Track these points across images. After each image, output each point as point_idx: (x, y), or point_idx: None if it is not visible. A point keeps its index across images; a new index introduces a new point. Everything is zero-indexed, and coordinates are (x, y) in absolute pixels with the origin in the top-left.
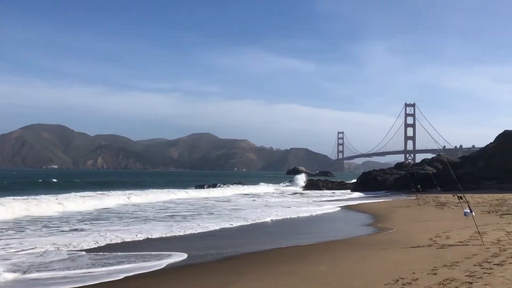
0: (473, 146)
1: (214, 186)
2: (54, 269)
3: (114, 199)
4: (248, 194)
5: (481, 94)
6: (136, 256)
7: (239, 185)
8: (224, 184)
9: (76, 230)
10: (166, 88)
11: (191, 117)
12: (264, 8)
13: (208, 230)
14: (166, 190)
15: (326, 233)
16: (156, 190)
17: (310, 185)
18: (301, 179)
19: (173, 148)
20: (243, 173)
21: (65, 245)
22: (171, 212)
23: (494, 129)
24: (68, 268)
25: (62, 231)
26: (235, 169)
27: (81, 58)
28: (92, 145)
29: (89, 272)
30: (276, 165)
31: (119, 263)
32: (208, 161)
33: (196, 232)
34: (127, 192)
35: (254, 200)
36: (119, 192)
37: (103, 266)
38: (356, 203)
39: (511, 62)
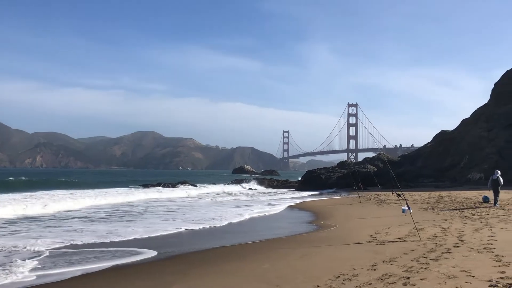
0: (412, 145)
1: (163, 185)
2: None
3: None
4: (190, 195)
5: (420, 95)
6: (86, 256)
7: (188, 186)
8: (180, 184)
9: None
10: (106, 85)
11: (134, 115)
12: (206, 5)
13: (152, 230)
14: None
15: (270, 232)
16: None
17: (256, 184)
18: (247, 179)
19: (116, 146)
20: (188, 172)
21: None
22: (105, 214)
23: (431, 129)
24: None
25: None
26: (180, 168)
27: (13, 53)
28: (31, 143)
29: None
30: (222, 164)
31: (70, 264)
32: (153, 159)
33: (142, 233)
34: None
35: (200, 199)
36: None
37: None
38: (301, 201)
39: (448, 66)
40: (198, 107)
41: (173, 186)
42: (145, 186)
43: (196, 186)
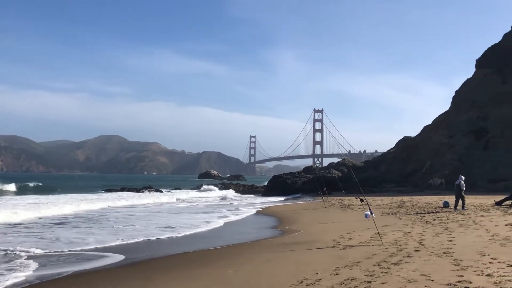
0: (376, 151)
1: (128, 190)
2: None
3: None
4: (155, 202)
5: (385, 102)
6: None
7: (153, 191)
8: (144, 189)
9: None
10: (70, 88)
11: (99, 118)
12: (175, 9)
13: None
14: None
15: (235, 237)
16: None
17: (222, 189)
18: (213, 184)
19: (79, 150)
20: (154, 177)
21: None
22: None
23: (395, 135)
24: None
25: None
26: (145, 172)
27: None
28: None
29: None
30: (188, 169)
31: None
32: (117, 164)
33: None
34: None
35: (165, 204)
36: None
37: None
38: (266, 206)
39: (411, 73)
40: (164, 111)
41: (138, 191)
42: (109, 191)
43: (161, 191)
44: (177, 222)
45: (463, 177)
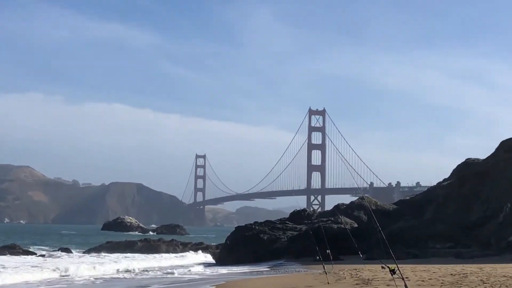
0: (417, 184)
1: None
2: None
3: None
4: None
5: (430, 98)
6: None
7: (20, 255)
8: (5, 250)
9: None
10: None
11: None
12: None
13: None
14: None
15: None
16: None
17: (144, 250)
18: (130, 241)
19: None
20: (22, 228)
21: None
22: None
23: (449, 157)
24: None
25: None
26: (7, 220)
27: None
28: None
29: None
30: (85, 213)
31: None
32: None
33: None
34: None
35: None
36: None
37: None
38: (222, 283)
39: (478, 48)
40: (42, 110)
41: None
42: None
43: (35, 254)
44: None
45: None
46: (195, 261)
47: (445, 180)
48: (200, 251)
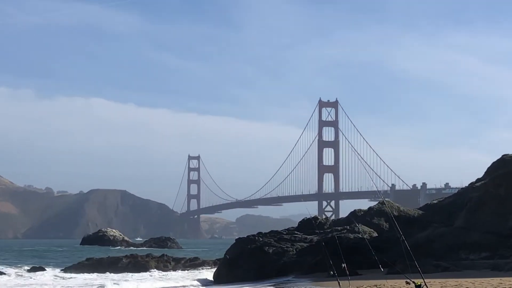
0: (447, 185)
1: None
2: None
3: None
4: None
5: (463, 86)
6: None
7: None
8: None
9: None
10: None
11: None
12: None
13: None
14: None
15: None
16: None
17: (130, 267)
18: (114, 257)
19: None
20: None
21: None
22: None
23: (484, 154)
24: None
25: None
26: None
27: None
28: None
29: None
30: (61, 226)
31: None
32: None
33: None
34: None
35: None
36: None
37: None
38: None
39: None
40: (8, 107)
41: None
42: None
43: (4, 273)
44: None
45: None
46: (189, 280)
47: (478, 180)
48: (196, 268)
